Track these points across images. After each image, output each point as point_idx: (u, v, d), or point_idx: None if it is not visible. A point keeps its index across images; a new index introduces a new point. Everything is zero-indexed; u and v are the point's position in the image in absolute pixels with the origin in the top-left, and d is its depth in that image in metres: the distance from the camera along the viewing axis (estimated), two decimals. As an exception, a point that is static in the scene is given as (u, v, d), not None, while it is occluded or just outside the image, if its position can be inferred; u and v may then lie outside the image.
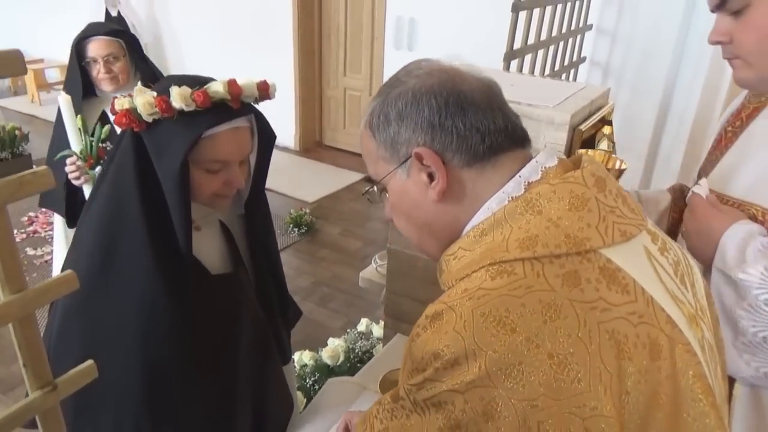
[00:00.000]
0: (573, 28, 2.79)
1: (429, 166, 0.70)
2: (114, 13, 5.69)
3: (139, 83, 1.05)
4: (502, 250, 0.64)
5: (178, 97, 0.97)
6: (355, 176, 5.16)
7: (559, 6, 2.58)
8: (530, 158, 0.72)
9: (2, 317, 0.60)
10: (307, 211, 4.26)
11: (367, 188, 0.81)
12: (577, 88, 1.48)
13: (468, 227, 0.72)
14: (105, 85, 2.02)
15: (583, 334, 0.59)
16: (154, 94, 0.99)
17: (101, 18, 5.62)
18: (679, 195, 1.31)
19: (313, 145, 5.85)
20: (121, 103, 1.00)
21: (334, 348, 2.45)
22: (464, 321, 0.60)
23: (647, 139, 2.92)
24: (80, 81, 1.99)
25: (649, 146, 2.95)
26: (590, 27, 2.97)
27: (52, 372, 0.66)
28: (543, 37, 2.52)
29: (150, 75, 2.06)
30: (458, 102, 0.69)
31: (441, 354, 0.61)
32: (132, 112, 0.99)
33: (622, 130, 2.70)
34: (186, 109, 0.98)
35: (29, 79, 6.64)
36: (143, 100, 0.97)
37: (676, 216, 1.30)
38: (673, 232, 1.31)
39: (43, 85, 6.82)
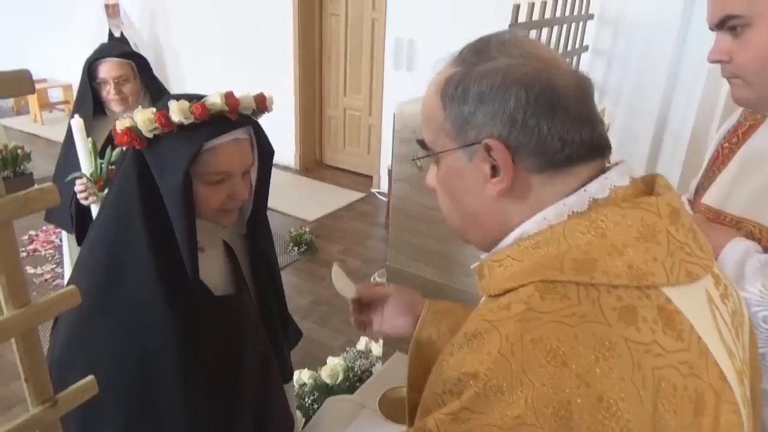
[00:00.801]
0: (569, 48, 2.83)
1: (495, 160, 0.63)
2: (117, 34, 5.76)
3: (140, 106, 1.07)
4: (556, 269, 0.59)
5: (177, 111, 0.98)
6: (354, 195, 5.18)
7: (555, 27, 2.63)
8: (603, 170, 0.65)
9: (5, 332, 0.61)
10: (307, 229, 4.27)
11: (420, 156, 0.73)
12: (573, 108, 1.50)
13: (517, 231, 0.66)
14: (114, 106, 2.05)
15: (637, 379, 0.53)
16: (153, 110, 1.00)
17: (104, 38, 5.70)
18: None
19: (314, 164, 5.89)
20: (122, 123, 1.01)
21: (333, 367, 2.43)
22: (512, 344, 0.55)
23: (644, 158, 2.94)
24: (91, 100, 2.03)
25: (646, 166, 2.97)
26: (586, 48, 3.01)
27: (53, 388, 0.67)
28: (540, 57, 2.56)
29: (159, 96, 2.09)
30: (550, 101, 0.61)
31: (482, 377, 0.55)
32: (133, 130, 1.00)
33: (618, 149, 2.72)
34: (185, 122, 0.99)
35: (32, 98, 6.70)
36: (143, 116, 0.99)
37: None
38: None
39: (45, 105, 6.88)
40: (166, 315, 1.02)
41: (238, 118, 1.05)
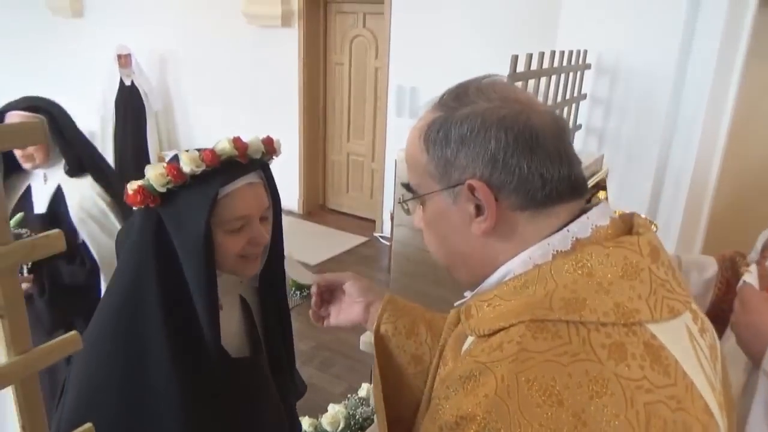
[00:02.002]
0: (568, 96, 2.88)
1: (479, 200, 0.65)
2: (128, 83, 5.91)
3: (63, 163, 1.04)
4: (545, 308, 0.60)
5: (188, 160, 0.97)
6: (357, 239, 5.19)
7: (554, 77, 2.69)
8: (582, 210, 0.68)
9: (6, 378, 0.61)
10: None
11: (405, 198, 0.76)
12: (571, 155, 1.52)
13: (503, 269, 0.68)
14: (22, 162, 1.90)
15: (631, 416, 0.54)
16: (164, 164, 0.98)
17: (115, 87, 5.84)
18: (729, 265, 1.25)
19: (317, 208, 5.93)
20: (131, 185, 0.99)
21: (334, 414, 2.39)
22: (507, 386, 0.56)
23: (645, 204, 2.95)
24: (1, 156, 1.87)
25: (647, 212, 2.99)
26: (584, 96, 3.08)
27: (50, 435, 0.66)
28: (539, 105, 2.61)
29: (72, 155, 1.92)
30: (529, 141, 0.64)
31: (479, 420, 0.56)
32: (146, 188, 0.97)
33: (619, 196, 2.74)
34: (197, 170, 0.97)
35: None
36: (154, 172, 0.97)
37: (723, 289, 1.23)
38: (718, 306, 1.22)
39: (54, 151, 6.99)
40: (178, 385, 0.98)
41: (248, 162, 1.04)
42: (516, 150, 0.64)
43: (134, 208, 1.01)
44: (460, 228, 0.69)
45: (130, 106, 5.96)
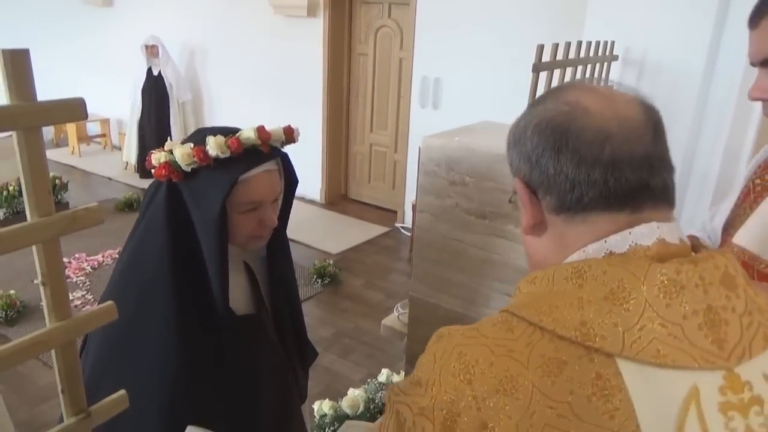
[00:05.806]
0: (594, 88, 2.86)
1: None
2: (156, 72, 6.01)
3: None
4: (523, 305, 0.63)
5: (214, 146, 1.04)
6: (378, 229, 5.22)
7: (579, 67, 2.66)
8: (632, 225, 0.62)
9: (47, 343, 0.64)
10: (331, 262, 4.30)
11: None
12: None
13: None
14: None
15: (523, 426, 0.54)
16: (191, 145, 1.06)
17: (143, 76, 5.95)
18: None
19: (339, 198, 5.97)
20: (158, 157, 1.07)
21: (354, 398, 2.43)
22: (444, 350, 0.62)
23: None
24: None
25: (673, 205, 2.95)
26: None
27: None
28: (564, 96, 2.59)
29: None
30: (556, 143, 0.62)
31: (416, 367, 0.65)
32: (171, 164, 1.06)
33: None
34: (221, 156, 1.05)
35: (71, 132, 6.99)
36: (182, 152, 1.05)
37: None
38: None
39: (83, 138, 7.15)
40: (189, 339, 1.06)
41: (269, 150, 1.11)
42: (545, 151, 0.63)
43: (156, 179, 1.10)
44: (523, 225, 0.72)
45: (155, 96, 6.06)
